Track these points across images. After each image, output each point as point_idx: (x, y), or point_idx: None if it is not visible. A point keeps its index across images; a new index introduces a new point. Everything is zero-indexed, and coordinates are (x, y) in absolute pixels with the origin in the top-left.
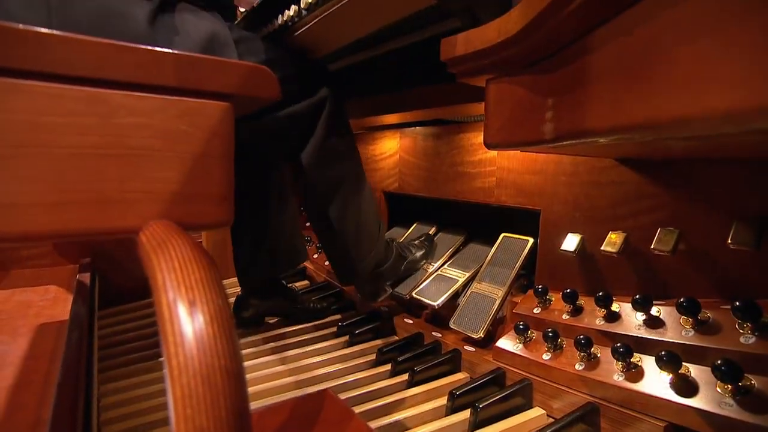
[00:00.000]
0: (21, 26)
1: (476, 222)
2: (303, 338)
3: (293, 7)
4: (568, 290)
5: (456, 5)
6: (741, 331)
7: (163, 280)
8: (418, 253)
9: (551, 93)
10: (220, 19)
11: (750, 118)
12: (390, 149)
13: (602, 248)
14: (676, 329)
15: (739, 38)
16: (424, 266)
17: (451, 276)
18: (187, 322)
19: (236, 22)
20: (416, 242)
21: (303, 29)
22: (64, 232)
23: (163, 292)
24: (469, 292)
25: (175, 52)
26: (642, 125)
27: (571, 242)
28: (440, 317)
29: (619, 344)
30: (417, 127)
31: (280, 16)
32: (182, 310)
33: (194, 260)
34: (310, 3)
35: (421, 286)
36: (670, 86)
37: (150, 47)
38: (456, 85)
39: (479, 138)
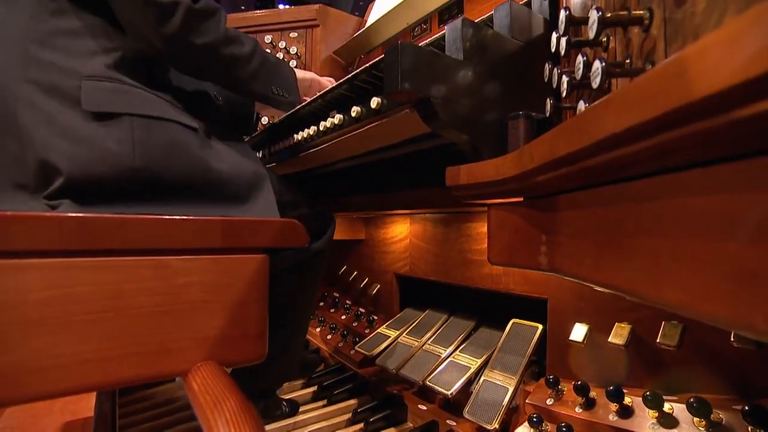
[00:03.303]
0: (100, 215)
1: (487, 306)
2: (317, 426)
3: (312, 128)
4: (580, 382)
5: (459, 139)
6: None
7: None
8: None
9: (545, 230)
10: (254, 155)
11: (696, 316)
12: (401, 233)
13: (609, 340)
14: (690, 430)
15: (687, 251)
16: (437, 351)
17: (463, 363)
18: None
19: (256, 133)
20: (284, 404)
21: (318, 148)
22: (128, 380)
23: None
24: (481, 380)
25: (224, 218)
26: (621, 289)
27: (579, 332)
28: (454, 403)
29: None
30: (426, 213)
31: (300, 132)
32: None
33: (245, 422)
34: (327, 128)
35: (434, 373)
36: (636, 267)
37: (204, 218)
38: None
39: (485, 227)
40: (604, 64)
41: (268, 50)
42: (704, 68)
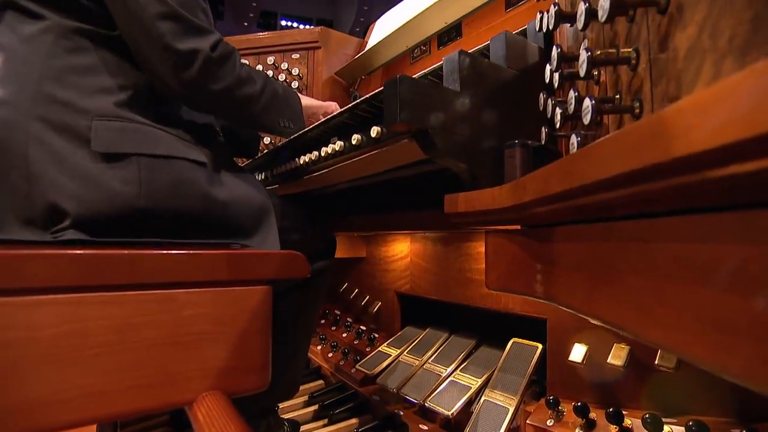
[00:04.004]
0: (110, 251)
1: (487, 324)
2: None
3: (314, 153)
4: (579, 404)
5: (457, 168)
6: None
7: None
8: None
9: (541, 259)
10: (259, 185)
11: (680, 356)
12: (401, 251)
13: (608, 360)
14: None
15: (670, 293)
16: (438, 370)
17: (464, 382)
18: None
19: (258, 156)
20: (285, 424)
21: (320, 172)
22: (134, 411)
23: None
24: (482, 400)
25: (228, 252)
26: (612, 325)
27: (578, 353)
28: (455, 424)
29: None
30: (427, 233)
31: (302, 157)
32: None
33: None
34: (329, 153)
35: (434, 393)
36: (625, 304)
37: (209, 251)
38: None
39: (484, 247)
40: (593, 102)
41: (271, 71)
42: (678, 132)
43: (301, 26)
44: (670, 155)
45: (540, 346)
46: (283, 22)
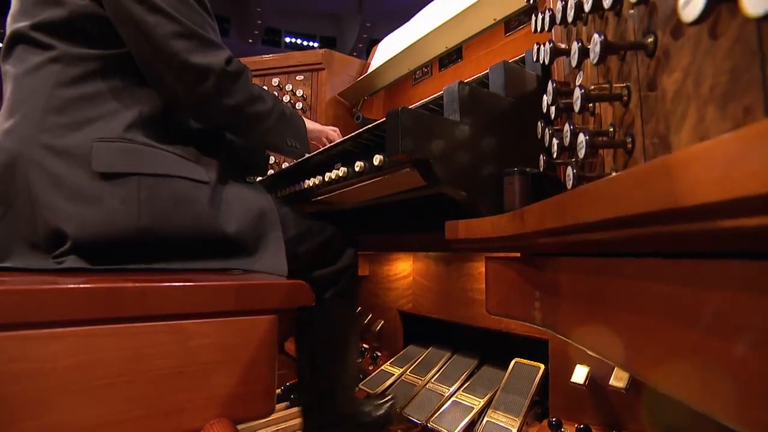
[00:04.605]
0: (124, 284)
1: (489, 344)
2: None
3: (318, 177)
4: (582, 426)
5: (458, 195)
6: None
7: None
8: (377, 413)
9: (539, 287)
10: (266, 195)
11: (667, 393)
12: (404, 270)
13: (610, 383)
14: None
15: (657, 331)
16: (441, 390)
17: (466, 403)
18: None
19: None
20: (378, 403)
21: (324, 196)
22: None
23: None
24: (485, 420)
25: (236, 282)
26: (605, 357)
27: (580, 374)
28: None
29: None
30: (429, 252)
31: (306, 181)
32: None
33: None
34: (332, 179)
35: (437, 414)
36: (616, 339)
37: (218, 282)
38: None
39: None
40: (587, 137)
41: (276, 92)
42: (659, 188)
43: (305, 42)
44: (650, 208)
45: (542, 366)
46: (288, 39)
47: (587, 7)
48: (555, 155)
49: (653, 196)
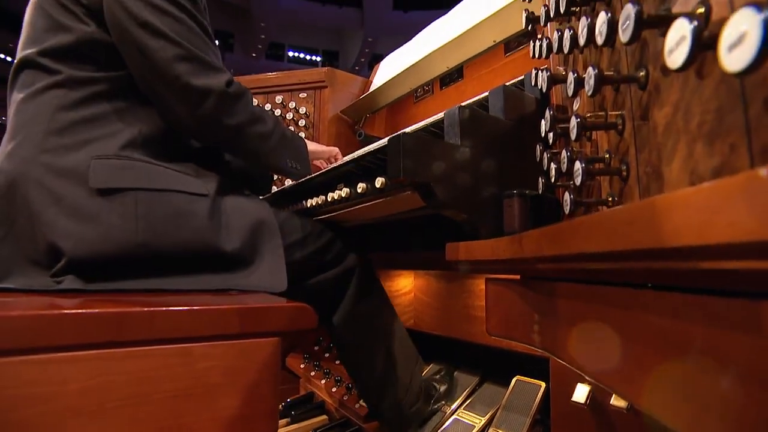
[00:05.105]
0: (133, 309)
1: (490, 361)
2: None
3: (321, 197)
4: None
5: (459, 218)
6: None
7: None
8: (442, 388)
9: (538, 310)
10: (264, 204)
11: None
12: (405, 287)
13: (611, 402)
14: None
15: (648, 361)
16: (443, 407)
17: (468, 421)
18: None
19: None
20: (438, 377)
21: (327, 215)
22: None
23: None
24: None
25: (242, 306)
26: (603, 383)
27: (581, 393)
28: None
29: None
30: (430, 269)
31: (309, 200)
32: None
33: None
34: (335, 199)
35: None
36: (612, 367)
37: (223, 306)
38: None
39: None
40: (584, 165)
41: (279, 110)
42: (643, 227)
43: (308, 57)
44: (639, 245)
45: (543, 384)
46: (291, 53)
47: (582, 41)
48: (553, 179)
49: (642, 235)
